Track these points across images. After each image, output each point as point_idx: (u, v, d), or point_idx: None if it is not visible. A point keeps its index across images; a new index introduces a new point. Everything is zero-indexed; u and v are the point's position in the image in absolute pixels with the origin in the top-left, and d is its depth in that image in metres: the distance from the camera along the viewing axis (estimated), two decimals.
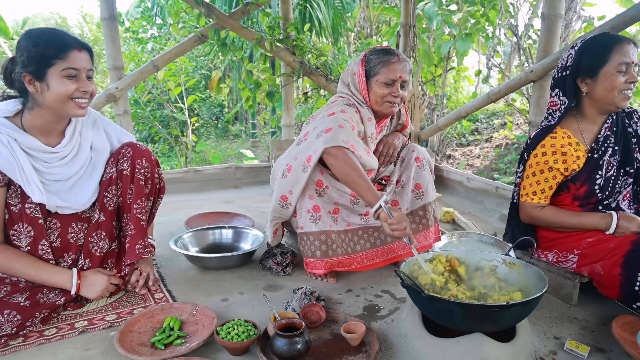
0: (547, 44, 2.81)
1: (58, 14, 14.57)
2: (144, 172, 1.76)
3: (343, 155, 1.72)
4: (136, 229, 1.74)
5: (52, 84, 1.46)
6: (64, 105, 1.50)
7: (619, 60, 1.63)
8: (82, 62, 1.50)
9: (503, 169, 6.43)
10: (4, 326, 1.43)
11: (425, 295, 1.31)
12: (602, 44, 1.67)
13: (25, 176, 1.51)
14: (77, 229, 1.69)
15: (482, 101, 3.47)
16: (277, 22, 3.90)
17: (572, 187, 1.75)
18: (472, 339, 1.33)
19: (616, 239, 1.65)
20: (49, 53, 1.44)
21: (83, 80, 1.51)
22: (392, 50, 1.93)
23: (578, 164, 1.73)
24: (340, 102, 1.96)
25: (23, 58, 1.45)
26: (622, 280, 1.56)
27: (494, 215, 3.13)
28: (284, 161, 1.94)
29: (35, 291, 1.56)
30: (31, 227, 1.57)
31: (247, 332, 1.45)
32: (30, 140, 1.53)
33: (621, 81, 1.64)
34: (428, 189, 2.06)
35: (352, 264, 1.97)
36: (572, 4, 5.35)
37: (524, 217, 1.86)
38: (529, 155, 1.80)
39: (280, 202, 1.92)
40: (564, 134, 1.75)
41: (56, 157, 1.60)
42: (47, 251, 1.61)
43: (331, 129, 1.76)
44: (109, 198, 1.73)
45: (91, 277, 1.68)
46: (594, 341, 1.54)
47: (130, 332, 1.50)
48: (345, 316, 1.60)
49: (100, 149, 1.73)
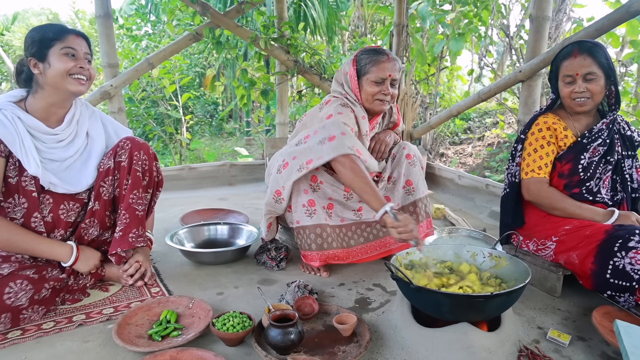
0: (536, 45, 2.88)
1: (50, 10, 14.45)
2: (141, 164, 1.83)
3: (350, 162, 1.78)
4: (131, 218, 1.80)
5: (53, 62, 1.61)
6: (64, 81, 1.62)
7: (563, 72, 1.82)
8: (79, 45, 1.66)
9: (495, 167, 6.51)
10: (19, 295, 1.51)
11: (413, 286, 1.36)
12: (563, 50, 1.86)
13: (24, 149, 1.61)
14: (68, 207, 1.77)
15: (473, 100, 3.54)
16: (271, 21, 3.94)
17: (558, 165, 1.88)
18: (459, 328, 1.39)
19: (591, 228, 1.72)
20: (49, 35, 1.61)
21: (81, 59, 1.66)
22: (382, 50, 1.98)
23: (565, 142, 1.87)
24: (335, 102, 2.01)
25: (27, 44, 1.63)
26: (593, 269, 1.63)
27: (484, 212, 3.19)
28: (280, 157, 1.99)
29: (41, 269, 1.64)
30: (25, 199, 1.66)
31: (243, 324, 1.49)
32: (32, 121, 1.64)
33: (566, 91, 1.82)
34: (419, 185, 2.11)
35: (348, 257, 2.02)
36: (562, 5, 5.43)
37: (529, 195, 1.90)
38: (527, 135, 1.93)
39: (274, 197, 1.97)
40: (554, 117, 1.91)
41: (54, 139, 1.70)
42: (39, 224, 1.70)
43: (335, 137, 1.81)
44: (104, 188, 1.81)
45: (87, 251, 1.79)
46: (575, 330, 1.61)
47: (128, 324, 1.55)
48: (337, 308, 1.65)
49: (96, 136, 1.83)
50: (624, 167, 1.91)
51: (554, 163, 1.89)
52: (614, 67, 1.80)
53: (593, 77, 1.77)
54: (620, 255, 1.57)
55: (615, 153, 1.88)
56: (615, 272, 1.57)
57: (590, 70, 1.76)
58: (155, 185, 1.95)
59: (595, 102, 1.81)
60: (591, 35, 2.50)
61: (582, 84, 1.78)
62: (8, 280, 1.51)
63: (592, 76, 1.76)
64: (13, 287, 1.51)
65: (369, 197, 1.75)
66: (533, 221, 1.94)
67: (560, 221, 1.85)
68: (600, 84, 1.78)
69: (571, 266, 1.77)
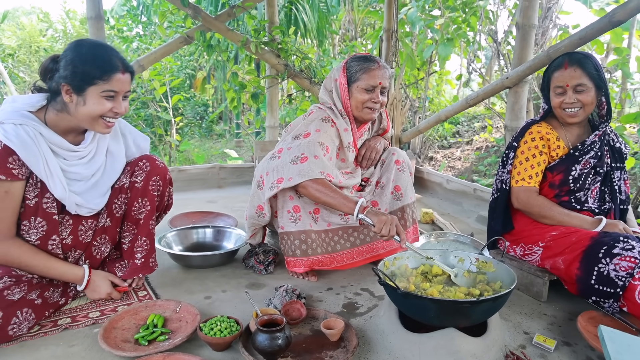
0: (522, 52, 2.93)
1: (40, 9, 14.25)
2: (157, 189, 1.81)
3: (315, 184, 1.81)
4: (151, 244, 1.83)
5: (89, 101, 1.49)
6: (94, 122, 1.53)
7: (554, 84, 1.86)
8: (122, 84, 1.52)
9: (483, 171, 6.58)
10: (22, 325, 1.47)
11: (401, 291, 1.37)
12: (553, 62, 1.90)
13: (49, 170, 1.52)
14: (86, 227, 1.72)
15: (461, 105, 3.57)
16: (262, 25, 3.94)
17: (549, 175, 1.91)
18: (445, 333, 1.40)
19: (577, 234, 1.75)
20: (94, 73, 1.46)
21: (119, 102, 1.54)
22: (372, 57, 1.99)
23: (557, 152, 1.90)
24: (317, 117, 2.00)
25: (67, 71, 1.46)
26: (578, 275, 1.66)
27: (472, 217, 3.22)
28: (259, 172, 2.00)
29: (44, 289, 1.60)
30: (45, 222, 1.57)
31: (230, 328, 1.49)
32: (54, 137, 1.54)
33: (556, 101, 1.85)
34: (407, 191, 2.12)
35: (332, 262, 2.02)
36: (549, 12, 5.51)
37: (519, 203, 1.92)
38: (519, 142, 1.95)
39: (256, 212, 2.02)
40: (547, 127, 1.93)
41: (76, 156, 1.61)
42: (57, 247, 1.63)
43: (307, 159, 1.83)
44: (117, 205, 1.78)
45: (97, 282, 1.73)
46: (561, 335, 1.63)
47: (114, 328, 1.53)
48: (325, 313, 1.66)
49: (116, 153, 1.75)
50: (614, 179, 1.94)
51: (544, 173, 1.91)
52: (605, 78, 1.83)
53: (583, 89, 1.79)
54: (605, 261, 1.59)
55: (605, 165, 1.92)
56: (600, 278, 1.60)
57: (580, 82, 1.79)
58: (164, 209, 1.94)
59: (586, 112, 1.84)
60: (575, 43, 2.54)
61: (572, 95, 1.81)
62: (17, 308, 1.47)
63: (582, 87, 1.79)
64: (19, 317, 1.47)
65: (337, 208, 1.80)
66: (521, 227, 1.96)
67: (547, 227, 1.87)
68: (590, 95, 1.80)
69: (557, 271, 1.79)
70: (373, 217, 1.69)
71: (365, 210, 1.72)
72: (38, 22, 14.25)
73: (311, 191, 1.82)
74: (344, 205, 1.77)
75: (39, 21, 14.25)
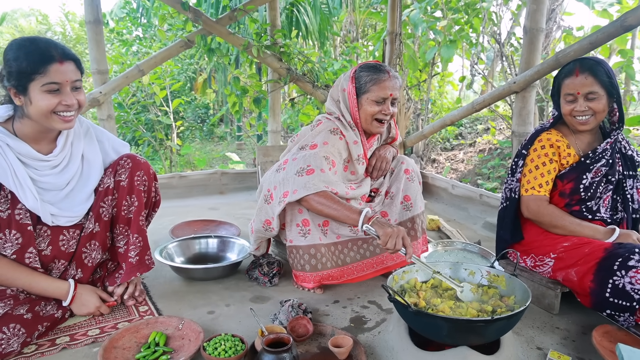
0: (529, 56, 2.88)
1: (39, 11, 14.24)
2: (143, 184, 1.76)
3: (318, 198, 1.76)
4: (144, 241, 1.77)
5: (34, 98, 1.44)
6: (48, 119, 1.48)
7: (564, 91, 1.81)
8: (64, 74, 1.46)
9: (486, 174, 6.52)
10: (11, 341, 1.42)
11: (412, 309, 1.32)
12: (563, 69, 1.87)
13: (18, 181, 1.49)
14: (68, 236, 1.67)
15: (467, 110, 3.53)
16: (264, 28, 3.90)
17: (559, 184, 1.86)
18: (458, 352, 1.35)
19: (591, 245, 1.70)
20: (28, 68, 1.40)
21: (66, 94, 1.47)
22: (382, 67, 1.92)
23: (568, 160, 1.85)
24: (325, 128, 1.94)
25: (5, 72, 1.43)
26: (592, 288, 1.62)
27: (478, 223, 3.17)
28: (266, 185, 1.95)
29: (34, 304, 1.55)
30: (20, 234, 1.53)
31: (234, 348, 1.44)
32: (22, 147, 1.51)
33: (567, 109, 1.81)
34: (417, 201, 2.07)
35: (343, 276, 1.98)
36: (552, 14, 5.47)
37: (529, 212, 1.87)
38: (529, 150, 1.90)
39: (264, 226, 1.96)
40: (557, 134, 1.89)
41: (47, 166, 1.58)
42: (34, 259, 1.57)
43: (313, 172, 1.78)
44: (104, 209, 1.72)
45: (85, 296, 1.68)
46: (575, 351, 1.58)
47: (114, 347, 1.48)
48: (332, 329, 1.61)
49: (92, 159, 1.71)
50: (626, 187, 1.89)
51: (554, 181, 1.87)
52: (617, 84, 1.78)
53: (595, 97, 1.75)
54: (620, 274, 1.55)
55: (617, 173, 1.87)
56: (615, 291, 1.55)
57: (592, 90, 1.74)
58: (152, 206, 1.88)
59: (597, 120, 1.79)
60: (585, 48, 2.50)
61: (583, 102, 1.76)
62: (2, 324, 1.42)
63: (593, 95, 1.74)
64: (6, 332, 1.42)
65: (342, 218, 1.74)
66: (531, 237, 1.91)
67: (558, 238, 1.82)
68: (602, 103, 1.76)
69: (569, 283, 1.74)
70: (379, 229, 1.63)
71: (370, 220, 1.66)
72: (37, 24, 14.24)
73: (314, 204, 1.77)
74: (347, 217, 1.72)
75: (37, 23, 14.23)
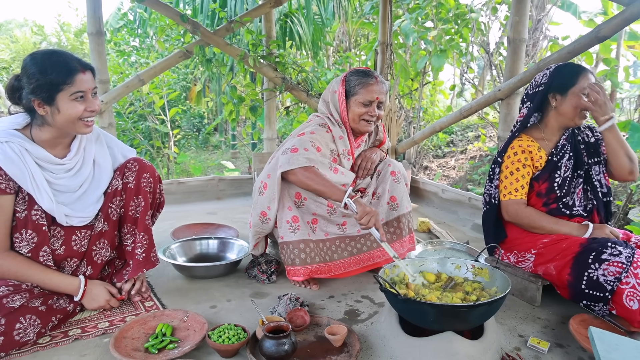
0: (513, 65, 3.03)
1: (34, 22, 14.32)
2: (149, 186, 1.89)
3: (302, 171, 1.90)
4: (150, 239, 1.89)
5: (62, 107, 1.56)
6: (74, 125, 1.61)
7: (584, 84, 1.89)
8: (87, 83, 1.60)
9: (477, 180, 6.67)
10: (27, 330, 1.52)
11: (401, 297, 1.44)
12: (573, 68, 1.95)
13: (35, 184, 1.60)
14: (80, 236, 1.78)
15: (455, 117, 3.67)
16: (260, 39, 4.04)
17: (535, 185, 1.98)
18: (444, 337, 1.46)
19: (568, 241, 1.82)
20: (57, 80, 1.53)
21: (90, 101, 1.62)
22: (370, 73, 2.08)
23: (540, 162, 1.97)
24: (314, 122, 2.12)
25: (32, 86, 1.53)
26: (570, 280, 1.73)
27: (467, 225, 3.30)
28: (260, 178, 2.08)
29: (47, 297, 1.65)
30: (35, 234, 1.64)
31: (237, 335, 1.54)
32: (40, 151, 1.62)
33: (584, 102, 1.89)
34: (402, 201, 2.19)
35: (330, 271, 2.08)
36: (539, 24, 5.66)
37: (509, 216, 1.99)
38: (503, 158, 2.02)
39: (260, 218, 2.06)
40: (527, 139, 2.00)
41: (63, 169, 1.69)
42: (48, 257, 1.68)
43: (297, 150, 1.94)
44: (113, 209, 1.84)
45: (95, 291, 1.77)
46: (554, 338, 1.69)
47: (124, 338, 1.58)
48: (328, 320, 1.71)
49: (103, 163, 1.82)
50: (592, 175, 2.01)
51: (531, 183, 1.99)
52: None
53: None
54: (594, 267, 1.67)
55: (583, 164, 2.00)
56: (590, 283, 1.67)
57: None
58: (157, 206, 2.01)
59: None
60: (564, 57, 2.65)
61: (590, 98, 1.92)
62: (19, 314, 1.52)
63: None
64: (23, 322, 1.51)
65: (326, 194, 1.90)
66: (514, 235, 2.03)
67: (538, 235, 1.94)
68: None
69: (549, 277, 1.86)
70: (358, 206, 1.81)
71: (353, 198, 1.84)
72: (32, 35, 14.29)
73: (301, 178, 1.90)
74: (333, 192, 1.87)
75: (32, 34, 14.28)
